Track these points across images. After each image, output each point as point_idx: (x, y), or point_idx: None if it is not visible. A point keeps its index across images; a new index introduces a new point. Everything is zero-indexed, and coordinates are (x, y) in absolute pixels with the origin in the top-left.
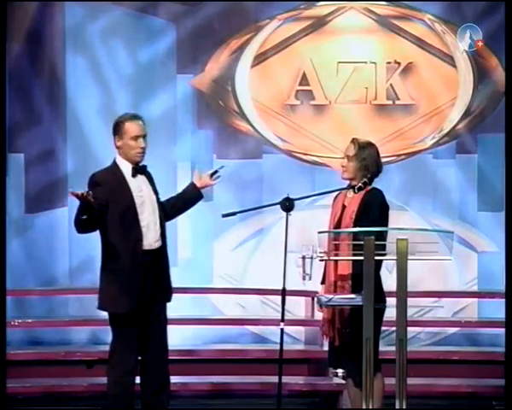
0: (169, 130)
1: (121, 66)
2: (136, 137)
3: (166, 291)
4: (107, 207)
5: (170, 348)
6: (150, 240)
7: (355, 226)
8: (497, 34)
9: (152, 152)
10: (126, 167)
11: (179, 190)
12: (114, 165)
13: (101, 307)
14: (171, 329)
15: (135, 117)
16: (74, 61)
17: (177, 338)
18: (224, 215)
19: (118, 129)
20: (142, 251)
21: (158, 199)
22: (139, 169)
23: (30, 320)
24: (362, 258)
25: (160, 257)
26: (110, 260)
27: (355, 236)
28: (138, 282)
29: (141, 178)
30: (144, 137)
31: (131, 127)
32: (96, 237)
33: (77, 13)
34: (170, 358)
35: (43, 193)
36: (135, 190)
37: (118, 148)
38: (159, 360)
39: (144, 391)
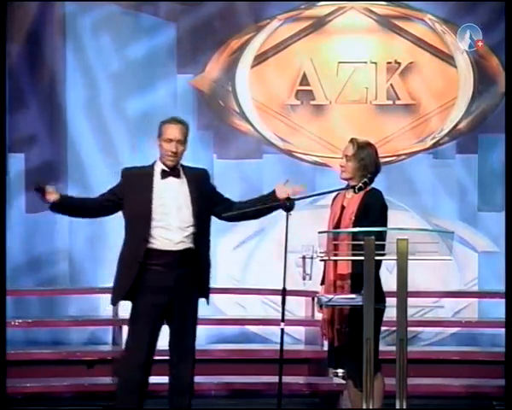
0: None
1: (121, 66)
2: (169, 140)
3: (192, 296)
4: (116, 201)
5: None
6: (170, 241)
7: (354, 227)
8: (498, 35)
9: (152, 152)
10: (159, 169)
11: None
12: (151, 166)
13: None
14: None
15: (174, 120)
16: (74, 61)
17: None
18: (225, 215)
19: (158, 130)
20: (147, 250)
21: (197, 202)
22: (170, 172)
23: (30, 320)
24: (361, 258)
25: (187, 259)
26: (121, 252)
27: (354, 236)
28: (132, 278)
29: (174, 181)
30: (179, 141)
31: (167, 130)
32: (96, 238)
33: (76, 13)
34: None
35: None
36: (157, 192)
37: (159, 148)
38: (181, 361)
39: (169, 390)
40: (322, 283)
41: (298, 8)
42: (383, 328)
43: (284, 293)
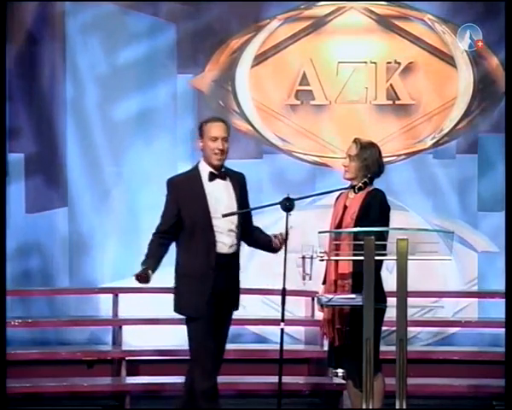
0: (169, 130)
1: (121, 66)
2: (214, 138)
3: (235, 298)
4: (178, 216)
5: (170, 348)
6: (225, 244)
7: (356, 227)
8: (498, 34)
9: (152, 152)
10: (205, 172)
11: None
12: (194, 168)
13: (176, 310)
14: (171, 329)
15: (216, 119)
16: (74, 61)
17: (178, 338)
18: (224, 215)
19: (200, 131)
20: (216, 254)
21: (241, 205)
22: (218, 174)
23: (30, 320)
24: (362, 258)
25: (233, 262)
26: (184, 264)
27: (355, 236)
28: (210, 286)
29: (220, 183)
30: (224, 139)
31: (211, 128)
32: (96, 238)
33: (76, 13)
34: (170, 358)
35: (43, 193)
36: (210, 194)
37: (201, 150)
38: (217, 363)
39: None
40: (324, 282)
41: (298, 8)
42: (383, 328)
43: (284, 293)
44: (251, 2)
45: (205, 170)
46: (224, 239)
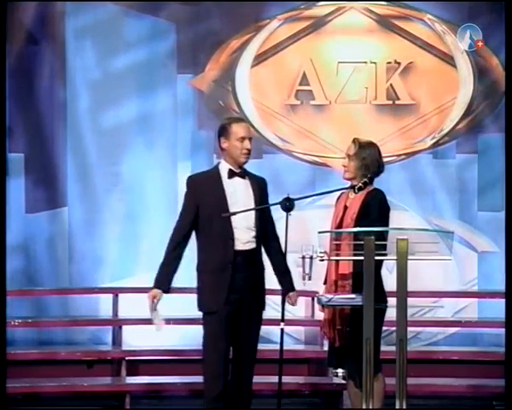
0: (169, 130)
1: (121, 66)
2: (242, 139)
3: (260, 297)
4: (196, 213)
5: (170, 348)
6: (241, 240)
7: (356, 227)
8: (497, 34)
9: (152, 152)
10: (225, 170)
11: (179, 190)
12: (215, 168)
13: (198, 308)
14: (171, 329)
15: (241, 119)
16: (74, 60)
17: (178, 338)
18: (225, 215)
19: (224, 131)
20: (234, 251)
21: (260, 204)
22: (237, 172)
23: (30, 320)
24: (362, 258)
25: (252, 260)
26: (203, 260)
27: (355, 236)
28: (227, 281)
29: (240, 181)
30: (251, 139)
31: (238, 129)
32: (96, 238)
33: (77, 13)
34: (169, 358)
35: (43, 193)
36: (229, 191)
37: (223, 149)
38: (243, 365)
39: (230, 390)
40: (325, 282)
41: (298, 8)
42: (383, 328)
43: (284, 293)
44: (251, 2)
45: (225, 168)
46: (242, 235)
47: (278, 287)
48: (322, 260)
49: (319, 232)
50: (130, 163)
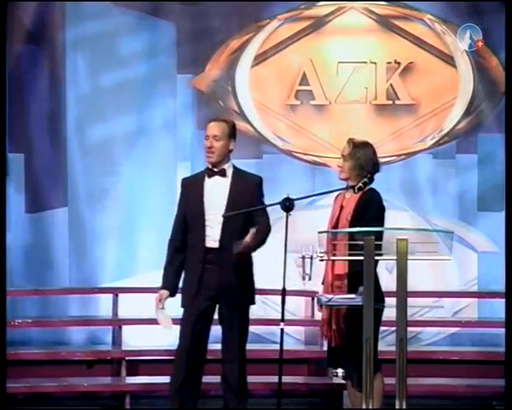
0: (169, 130)
1: (121, 66)
2: (206, 137)
3: (241, 295)
4: (184, 216)
5: (170, 348)
6: (213, 237)
7: (351, 227)
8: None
9: (152, 152)
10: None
11: (179, 190)
12: (205, 168)
13: None
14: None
15: (213, 119)
16: (74, 61)
17: (178, 338)
18: (225, 216)
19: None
20: (205, 248)
21: (233, 202)
22: (216, 171)
23: (30, 320)
24: (360, 258)
25: (225, 257)
26: (186, 258)
27: (351, 236)
28: (197, 277)
29: (218, 180)
30: (215, 137)
31: (205, 128)
32: (96, 238)
33: (77, 13)
34: (169, 358)
35: (43, 193)
36: (206, 191)
37: None
38: (229, 362)
39: (222, 389)
40: (323, 282)
41: (298, 8)
42: (383, 328)
43: (284, 293)
44: (251, 2)
45: (209, 167)
46: (214, 233)
47: (278, 287)
48: (322, 260)
49: (319, 232)
50: (130, 163)
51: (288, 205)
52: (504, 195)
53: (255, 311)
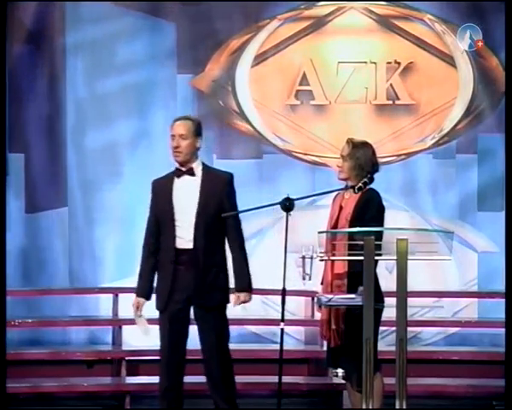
0: (169, 130)
1: (121, 66)
2: (172, 137)
3: (214, 296)
4: (156, 217)
5: None
6: (184, 239)
7: (350, 227)
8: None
9: (152, 152)
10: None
11: None
12: (174, 169)
13: None
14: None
15: (178, 118)
16: (74, 61)
17: None
18: (224, 216)
19: None
20: (176, 249)
21: (204, 201)
22: (184, 170)
23: (30, 320)
24: (360, 258)
25: (197, 258)
26: (159, 260)
27: (350, 236)
28: (169, 280)
29: (188, 179)
30: (181, 136)
31: (171, 128)
32: (96, 238)
33: (77, 13)
34: None
35: (43, 193)
36: (175, 190)
37: None
38: (207, 361)
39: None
40: (322, 282)
41: (298, 8)
42: (383, 328)
43: (284, 293)
44: (251, 2)
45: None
46: (184, 234)
47: (278, 287)
48: (322, 260)
49: (319, 232)
50: (130, 163)
51: (287, 205)
52: (504, 195)
53: (255, 311)
